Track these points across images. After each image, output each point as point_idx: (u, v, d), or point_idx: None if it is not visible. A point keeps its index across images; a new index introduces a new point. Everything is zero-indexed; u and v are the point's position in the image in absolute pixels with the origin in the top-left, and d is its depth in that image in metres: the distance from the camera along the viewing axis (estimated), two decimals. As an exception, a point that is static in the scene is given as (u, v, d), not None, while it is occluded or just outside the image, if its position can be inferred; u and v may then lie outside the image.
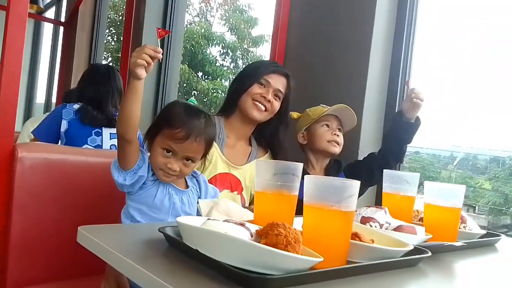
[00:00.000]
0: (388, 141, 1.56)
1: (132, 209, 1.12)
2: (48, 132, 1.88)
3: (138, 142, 1.09)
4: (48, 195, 1.34)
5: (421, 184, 1.21)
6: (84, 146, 1.88)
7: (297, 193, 0.83)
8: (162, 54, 1.06)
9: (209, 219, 0.68)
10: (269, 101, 1.42)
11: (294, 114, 1.59)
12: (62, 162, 1.39)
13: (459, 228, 1.13)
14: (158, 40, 1.12)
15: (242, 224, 0.66)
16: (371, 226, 0.99)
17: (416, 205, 1.23)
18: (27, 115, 5.75)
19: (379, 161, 1.54)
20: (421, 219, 1.20)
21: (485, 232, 1.18)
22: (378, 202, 1.75)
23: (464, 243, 0.95)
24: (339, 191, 0.70)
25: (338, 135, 1.57)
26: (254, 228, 0.67)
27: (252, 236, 0.65)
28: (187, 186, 1.19)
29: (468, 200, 2.67)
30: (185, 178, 1.19)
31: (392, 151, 1.52)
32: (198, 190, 1.22)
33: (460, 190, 1.08)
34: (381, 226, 1.00)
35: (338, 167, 1.62)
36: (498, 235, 1.19)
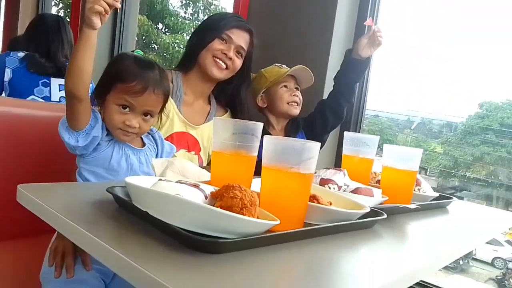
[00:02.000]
0: (338, 81, 1.55)
1: (87, 172, 1.05)
2: (-11, 82, 1.72)
3: (89, 100, 1.00)
4: (-12, 150, 1.23)
5: (380, 147, 1.22)
6: (30, 97, 1.76)
7: (256, 154, 0.80)
8: (120, 2, 0.96)
9: (160, 179, 0.64)
10: (230, 58, 1.35)
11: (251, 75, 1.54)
12: (6, 114, 1.28)
13: (414, 190, 1.16)
14: None
15: (196, 186, 0.62)
16: (329, 188, 0.99)
17: (375, 167, 1.25)
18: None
19: (330, 104, 1.54)
20: (378, 181, 1.22)
21: (438, 195, 1.22)
22: (337, 164, 1.77)
23: (418, 205, 0.97)
24: (299, 153, 0.67)
25: (297, 95, 1.56)
26: (209, 189, 0.63)
27: (206, 198, 0.61)
28: (143, 145, 1.13)
29: (421, 162, 2.78)
30: (141, 136, 1.13)
31: (342, 91, 1.52)
32: (155, 147, 1.17)
33: (417, 153, 1.09)
34: (339, 188, 1.00)
35: (297, 125, 1.62)
36: (450, 198, 1.24)
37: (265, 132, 1.54)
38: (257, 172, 0.78)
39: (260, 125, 0.80)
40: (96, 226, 0.62)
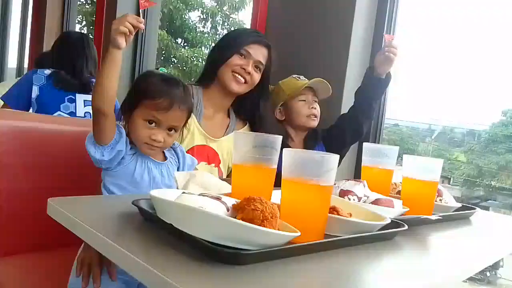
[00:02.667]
0: (358, 98, 1.54)
1: (111, 185, 1.09)
2: (18, 98, 1.80)
3: (114, 116, 1.04)
4: (20, 164, 1.28)
5: (399, 156, 1.22)
6: (57, 113, 1.82)
7: (275, 166, 0.81)
8: (145, 24, 1.01)
9: (184, 192, 0.66)
10: (249, 73, 1.38)
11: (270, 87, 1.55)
12: (33, 130, 1.33)
13: (436, 201, 1.15)
14: (141, 11, 1.08)
15: (218, 198, 0.64)
16: (349, 199, 0.99)
17: (395, 177, 1.24)
18: (-1, 80, 5.51)
19: (350, 121, 1.54)
20: (399, 192, 1.22)
21: (460, 205, 1.20)
22: (357, 175, 1.76)
23: (440, 216, 0.96)
24: (318, 166, 0.69)
25: (315, 108, 1.58)
26: (230, 202, 0.65)
27: (228, 211, 0.63)
28: (165, 158, 1.16)
29: (443, 172, 2.73)
30: (163, 150, 1.17)
31: (362, 108, 1.52)
32: (177, 161, 1.20)
33: (438, 164, 1.09)
34: (359, 199, 1.00)
35: (316, 137, 1.63)
36: (473, 208, 1.22)
37: (284, 144, 1.56)
38: (277, 184, 0.79)
39: (279, 138, 0.81)
40: (122, 237, 0.64)
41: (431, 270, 0.73)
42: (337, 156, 0.71)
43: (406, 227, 0.84)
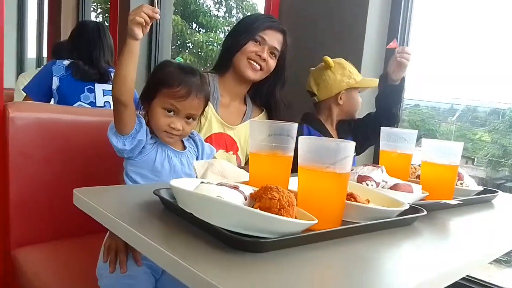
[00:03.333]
0: (377, 105, 1.53)
1: (133, 173, 1.12)
2: (39, 89, 1.84)
3: (133, 106, 1.07)
4: (42, 155, 1.33)
5: (420, 138, 1.20)
6: (77, 103, 1.85)
7: (292, 154, 0.82)
8: (160, 14, 1.02)
9: (202, 182, 0.67)
10: (264, 59, 1.37)
11: (330, 62, 1.53)
12: (55, 121, 1.37)
13: (456, 185, 1.14)
14: (156, 1, 1.09)
15: (236, 187, 0.65)
16: (367, 185, 0.99)
17: (415, 159, 1.23)
18: (19, 70, 5.62)
19: (374, 125, 1.50)
20: (418, 176, 1.21)
21: (482, 189, 1.18)
22: (375, 161, 1.75)
23: (460, 200, 0.95)
24: (334, 153, 0.69)
25: None
26: (248, 191, 0.66)
27: (246, 199, 0.64)
28: (184, 147, 1.18)
29: (467, 152, 2.70)
30: (182, 140, 1.19)
31: (383, 114, 1.50)
32: (196, 150, 1.22)
33: (458, 147, 1.07)
34: (377, 184, 1.00)
35: (348, 127, 1.64)
36: (495, 191, 1.20)
37: (324, 128, 1.58)
38: (295, 171, 0.80)
39: (295, 125, 0.81)
40: (145, 226, 0.67)
41: (452, 255, 0.73)
42: (353, 143, 0.71)
43: (425, 212, 0.83)
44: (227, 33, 1.46)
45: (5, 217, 1.27)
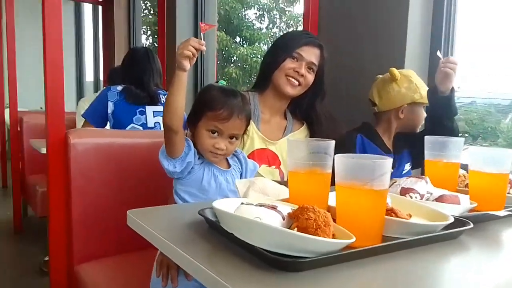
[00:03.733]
0: (430, 120, 1.48)
1: (182, 192, 1.18)
2: (96, 115, 1.99)
3: (183, 131, 1.13)
4: (100, 177, 1.44)
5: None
6: (130, 125, 1.98)
7: (330, 171, 0.83)
8: (206, 46, 1.09)
9: (242, 203, 0.71)
10: (302, 75, 1.40)
11: (397, 74, 1.51)
12: (111, 145, 1.48)
13: (508, 193, 1.09)
14: (202, 34, 1.16)
15: (274, 208, 0.68)
16: (411, 197, 0.98)
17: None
18: (79, 94, 6.05)
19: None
20: (467, 185, 1.17)
21: (537, 196, 1.12)
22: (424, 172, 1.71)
23: (510, 211, 0.91)
24: (370, 170, 0.70)
25: None
26: (286, 210, 0.69)
27: (284, 219, 0.67)
28: (229, 166, 1.23)
29: None
30: (226, 158, 1.24)
31: (436, 130, 1.41)
32: (240, 167, 1.26)
33: (508, 154, 1.03)
34: (421, 196, 0.98)
35: (405, 139, 1.59)
36: (552, 199, 1.13)
37: (379, 138, 1.58)
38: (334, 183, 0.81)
39: (332, 143, 0.83)
40: (190, 246, 0.71)
41: (502, 271, 0.71)
42: (390, 160, 0.71)
43: (471, 225, 0.81)
44: (265, 52, 1.51)
45: (69, 235, 1.39)
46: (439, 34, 1.77)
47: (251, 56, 7.26)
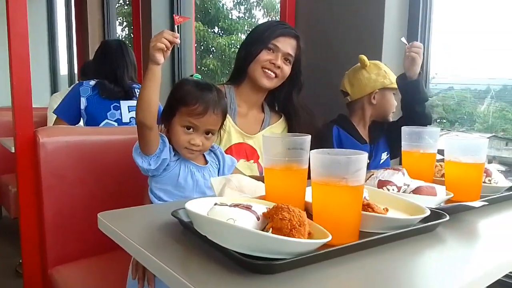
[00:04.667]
0: (402, 108, 1.50)
1: (158, 190, 1.15)
2: (69, 111, 1.92)
3: (157, 128, 1.10)
4: (74, 176, 1.39)
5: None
6: (105, 121, 1.92)
7: (306, 166, 0.82)
8: (180, 39, 1.05)
9: (216, 203, 0.68)
10: (278, 67, 1.38)
11: (366, 60, 1.53)
12: (83, 143, 1.43)
13: (484, 182, 1.10)
14: (176, 26, 1.13)
15: (248, 208, 0.66)
16: (388, 190, 0.98)
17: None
18: (53, 88, 5.88)
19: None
20: (444, 175, 1.17)
21: (512, 184, 1.14)
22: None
23: (486, 201, 0.92)
24: (345, 166, 0.68)
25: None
26: (261, 210, 0.67)
27: (258, 220, 0.65)
28: (206, 162, 1.21)
29: (507, 133, 2.61)
30: (203, 154, 1.21)
31: (410, 117, 1.47)
32: (217, 163, 1.24)
33: (482, 144, 1.03)
34: (399, 189, 0.98)
35: (381, 128, 1.61)
36: (527, 186, 1.15)
37: (354, 129, 1.58)
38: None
39: (308, 138, 0.81)
40: (162, 250, 0.68)
41: (478, 262, 0.71)
42: (365, 155, 0.70)
43: (447, 217, 0.81)
44: (240, 44, 1.48)
45: (42, 237, 1.34)
46: (416, 18, 1.77)
47: (229, 46, 7.17)
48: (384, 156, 1.62)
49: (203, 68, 7.13)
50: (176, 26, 1.14)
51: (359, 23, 1.77)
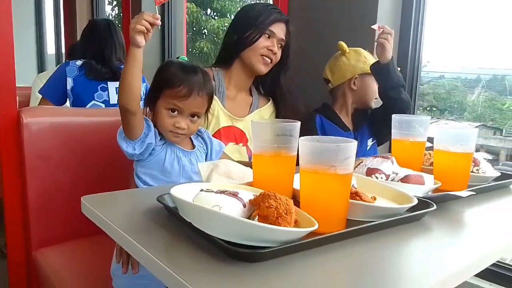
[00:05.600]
0: (380, 95, 1.50)
1: (143, 175, 1.13)
2: (54, 91, 1.87)
3: (141, 112, 1.08)
4: (58, 157, 1.36)
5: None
6: (91, 103, 1.88)
7: (295, 153, 0.81)
8: (161, 20, 1.02)
9: (202, 189, 0.67)
10: (275, 53, 1.38)
11: (345, 47, 1.53)
12: (68, 124, 1.40)
13: (472, 171, 1.10)
14: (156, 7, 1.09)
15: (235, 194, 0.65)
16: (376, 178, 0.97)
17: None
18: (40, 67, 5.75)
19: (384, 116, 1.48)
20: (432, 164, 1.17)
21: (499, 174, 1.14)
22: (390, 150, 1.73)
23: (474, 190, 0.91)
24: (334, 154, 0.67)
25: None
26: (247, 197, 0.65)
27: (245, 207, 0.64)
28: (193, 147, 1.19)
29: (495, 123, 2.64)
30: (190, 139, 1.19)
31: (386, 103, 1.47)
32: (205, 148, 1.22)
33: (472, 134, 1.03)
34: (387, 177, 0.98)
35: (364, 116, 1.61)
36: (513, 176, 1.15)
37: (337, 117, 1.57)
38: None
39: (297, 124, 0.80)
40: (146, 235, 0.67)
41: (463, 251, 0.71)
42: (354, 143, 0.69)
43: (434, 207, 0.81)
44: (230, 26, 1.44)
45: (26, 219, 1.32)
46: (409, 6, 1.75)
47: (223, 29, 7.06)
48: (370, 142, 1.63)
49: (195, 51, 7.02)
50: (156, 7, 1.11)
51: (352, 11, 1.74)
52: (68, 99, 1.89)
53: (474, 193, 0.89)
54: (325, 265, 0.62)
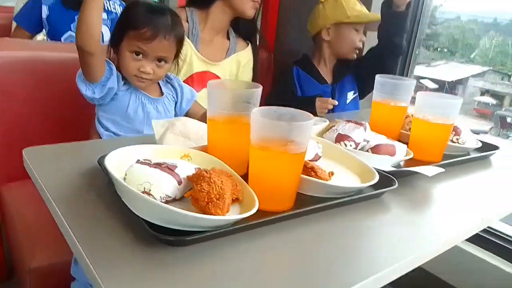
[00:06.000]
0: (380, 36, 1.39)
1: (105, 120, 1.09)
2: (29, 19, 1.76)
3: (101, 53, 0.99)
4: (23, 94, 1.30)
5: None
6: (68, 33, 1.77)
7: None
8: None
9: (138, 160, 0.61)
10: None
11: None
12: (33, 58, 1.32)
13: (452, 140, 1.05)
14: None
15: (171, 169, 0.59)
16: (345, 145, 0.92)
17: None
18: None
19: (375, 57, 1.41)
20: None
21: (480, 145, 1.08)
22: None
23: (441, 168, 0.84)
24: (286, 132, 0.61)
25: (362, 41, 1.46)
26: (185, 172, 0.60)
27: (180, 184, 0.59)
28: (161, 94, 1.12)
29: (505, 68, 2.56)
30: (159, 85, 1.13)
31: (385, 47, 1.37)
32: (175, 96, 1.16)
33: (455, 104, 0.96)
34: (356, 145, 0.92)
35: (347, 67, 1.52)
36: (495, 147, 1.09)
37: (314, 69, 1.49)
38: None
39: (255, 91, 0.72)
40: (75, 206, 0.62)
41: (419, 236, 0.66)
42: (310, 122, 0.62)
43: (395, 185, 0.76)
44: None
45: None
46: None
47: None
48: (351, 95, 1.55)
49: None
50: None
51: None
52: (44, 28, 1.77)
53: (443, 170, 0.83)
54: (258, 249, 0.57)
